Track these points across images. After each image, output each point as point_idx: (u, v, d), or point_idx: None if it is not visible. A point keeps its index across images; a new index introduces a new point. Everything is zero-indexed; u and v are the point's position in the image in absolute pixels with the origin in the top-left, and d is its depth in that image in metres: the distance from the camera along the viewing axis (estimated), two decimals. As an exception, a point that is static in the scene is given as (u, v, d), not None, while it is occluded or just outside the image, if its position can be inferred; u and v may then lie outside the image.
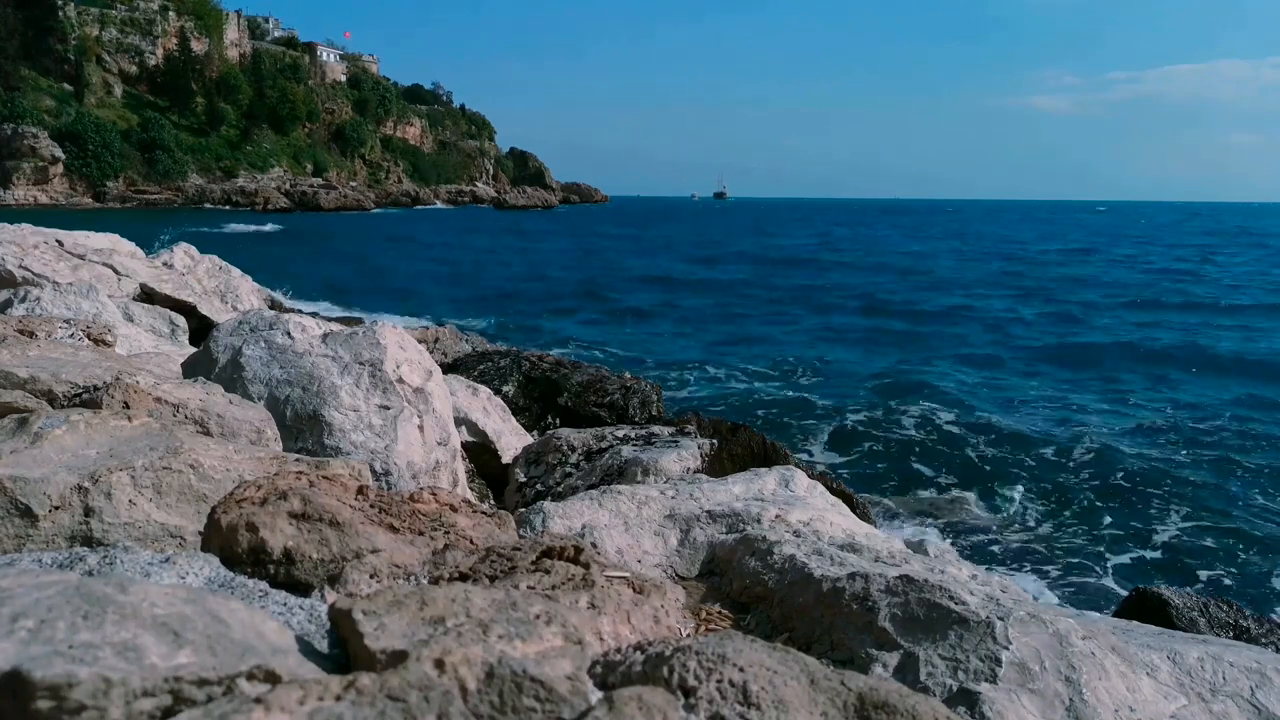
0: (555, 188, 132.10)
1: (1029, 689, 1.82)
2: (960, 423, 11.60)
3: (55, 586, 0.97)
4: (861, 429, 11.26)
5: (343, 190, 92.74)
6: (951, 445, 10.59)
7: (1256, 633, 4.10)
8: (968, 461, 10.00)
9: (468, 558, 1.53)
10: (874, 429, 11.24)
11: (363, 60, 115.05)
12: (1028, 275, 34.19)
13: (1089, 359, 16.78)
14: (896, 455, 10.22)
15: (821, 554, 2.40)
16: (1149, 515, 8.47)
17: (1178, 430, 11.66)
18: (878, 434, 11.02)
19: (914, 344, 18.50)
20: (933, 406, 12.50)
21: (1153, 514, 8.51)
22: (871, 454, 10.30)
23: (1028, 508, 8.58)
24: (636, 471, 4.14)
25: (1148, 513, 8.54)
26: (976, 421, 11.70)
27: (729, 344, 18.15)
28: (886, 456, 10.19)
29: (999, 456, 10.21)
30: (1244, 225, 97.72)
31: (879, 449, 10.46)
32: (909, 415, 11.88)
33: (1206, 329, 20.75)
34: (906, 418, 11.73)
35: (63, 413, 2.04)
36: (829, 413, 12.13)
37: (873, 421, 11.59)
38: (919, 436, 10.93)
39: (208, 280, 8.14)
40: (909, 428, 11.28)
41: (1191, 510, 8.60)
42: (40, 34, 77.13)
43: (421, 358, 3.57)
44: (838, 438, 10.92)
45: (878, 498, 8.45)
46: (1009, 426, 11.51)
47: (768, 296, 26.16)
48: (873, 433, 11.09)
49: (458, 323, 14.94)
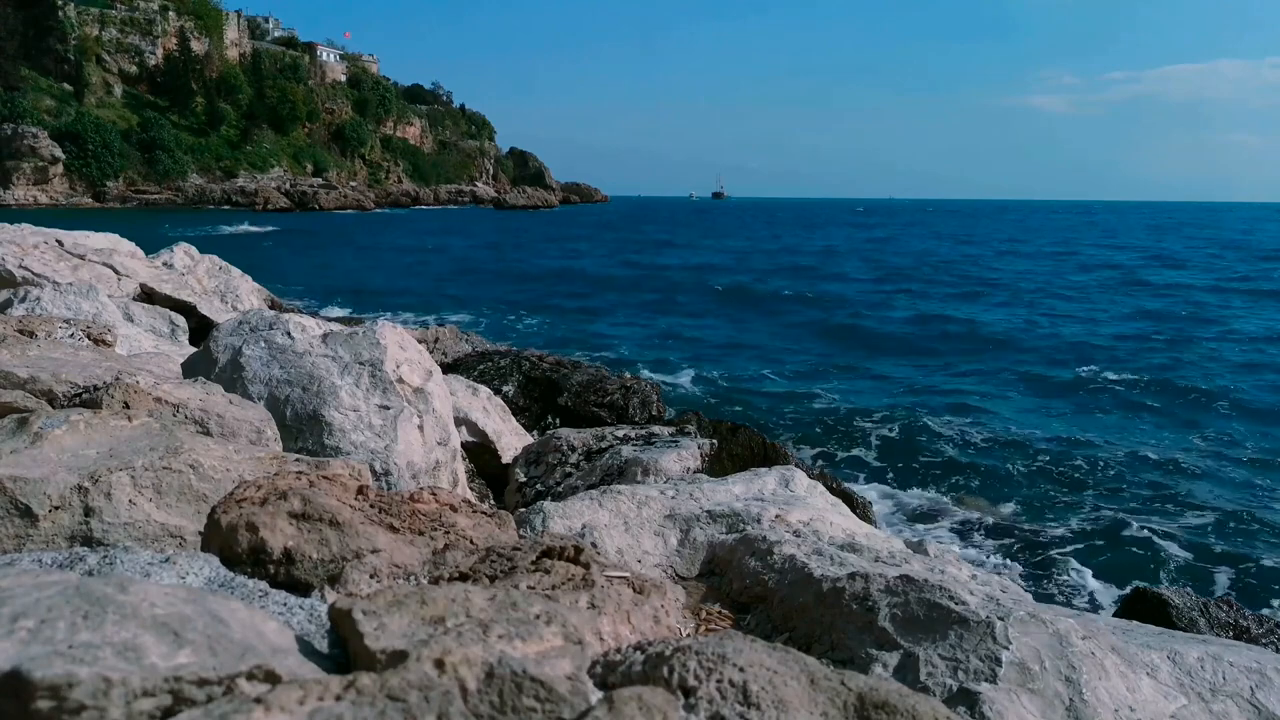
0: (555, 188, 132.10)
1: (1029, 689, 1.82)
2: (961, 423, 11.61)
3: (55, 586, 0.97)
4: (862, 429, 11.26)
5: (343, 190, 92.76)
6: (952, 446, 10.60)
7: (1256, 633, 4.10)
8: (968, 462, 10.00)
9: (468, 558, 1.53)
10: (875, 429, 11.25)
11: (363, 60, 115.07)
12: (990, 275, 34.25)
13: (1091, 359, 16.78)
14: (897, 455, 10.22)
15: (821, 554, 2.40)
16: (1150, 515, 8.47)
17: (1182, 431, 11.66)
18: (878, 434, 11.02)
19: (915, 343, 18.50)
20: (933, 407, 12.51)
21: (1154, 514, 8.51)
22: (871, 454, 10.30)
23: (1028, 508, 8.58)
24: (636, 471, 4.14)
25: (1149, 513, 8.54)
26: (977, 422, 11.71)
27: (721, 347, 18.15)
28: (887, 457, 10.19)
29: (999, 457, 10.21)
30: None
31: (879, 449, 10.46)
32: (910, 415, 11.88)
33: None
34: (907, 418, 11.74)
35: (63, 413, 2.04)
36: (829, 413, 12.13)
37: (873, 421, 11.59)
38: (920, 437, 10.93)
39: (208, 280, 8.14)
40: (910, 428, 11.29)
41: (1192, 510, 8.60)
42: (40, 34, 77.16)
43: (421, 358, 3.57)
44: (838, 438, 10.92)
45: (878, 498, 8.46)
46: (1010, 427, 11.52)
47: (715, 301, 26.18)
48: (873, 433, 11.09)
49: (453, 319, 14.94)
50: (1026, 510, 8.50)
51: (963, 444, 10.69)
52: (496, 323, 19.79)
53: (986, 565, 6.99)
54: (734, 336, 19.13)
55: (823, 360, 16.36)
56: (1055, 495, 8.97)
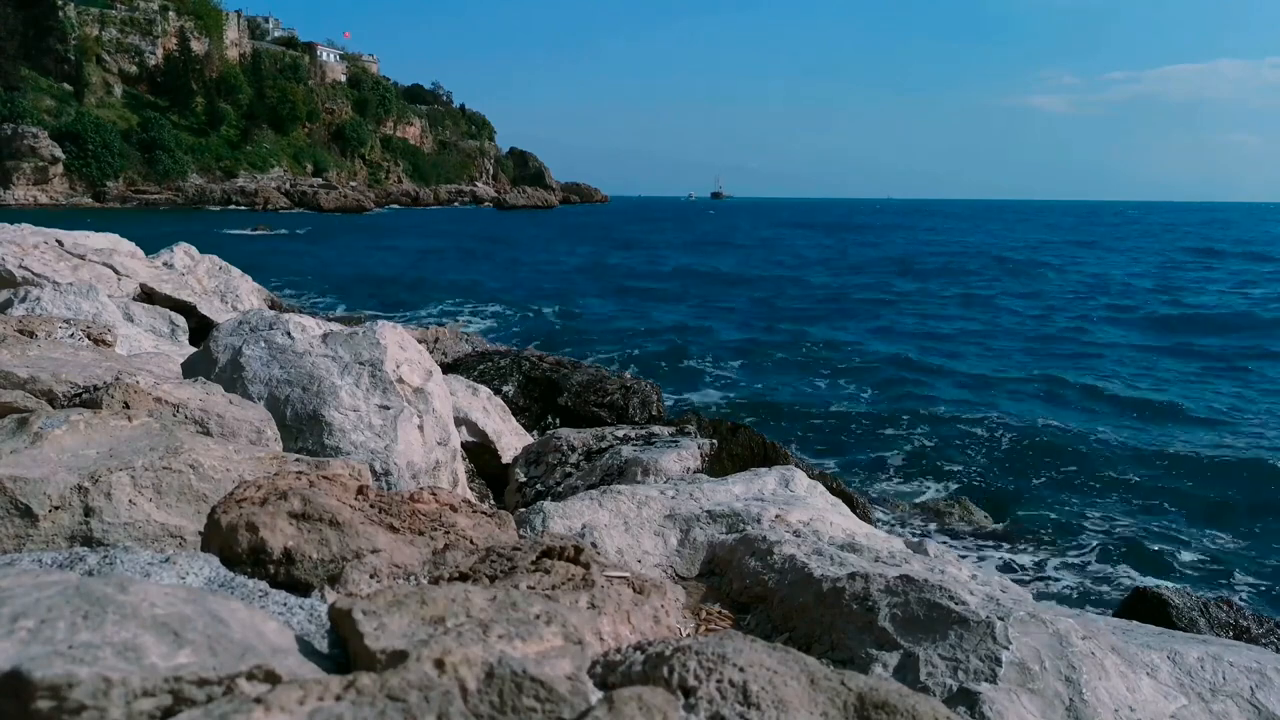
0: (555, 188, 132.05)
1: (1029, 689, 1.82)
2: (961, 424, 11.60)
3: (55, 586, 0.97)
4: (863, 429, 11.26)
5: (343, 190, 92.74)
6: (952, 446, 10.59)
7: (1256, 633, 4.11)
8: (968, 462, 10.00)
9: (468, 558, 1.53)
10: (875, 429, 11.25)
11: (363, 60, 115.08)
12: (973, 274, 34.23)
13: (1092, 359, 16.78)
14: (897, 455, 10.21)
15: (821, 554, 2.40)
16: (1150, 515, 8.47)
17: (1181, 429, 11.66)
18: (879, 434, 11.03)
19: (914, 345, 18.50)
20: (934, 407, 12.50)
21: (1154, 514, 8.51)
22: (872, 454, 10.30)
23: (1028, 508, 8.57)
24: (636, 471, 4.14)
25: (1149, 513, 8.54)
26: (978, 422, 11.70)
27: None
28: (887, 456, 10.19)
29: (1000, 457, 10.21)
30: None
31: (880, 449, 10.46)
32: (910, 416, 11.88)
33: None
34: (908, 418, 11.74)
35: (63, 413, 2.04)
36: (830, 413, 12.13)
37: (874, 422, 11.60)
38: (920, 437, 10.93)
39: (208, 280, 8.15)
40: (910, 428, 11.29)
41: (1193, 511, 8.60)
42: (40, 34, 77.16)
43: (421, 358, 3.57)
44: (838, 437, 10.92)
45: (878, 498, 8.45)
46: (1010, 427, 11.51)
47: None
48: (874, 433, 11.09)
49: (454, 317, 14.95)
50: (1027, 510, 8.49)
51: (964, 445, 10.68)
52: (497, 323, 19.82)
53: (986, 565, 6.99)
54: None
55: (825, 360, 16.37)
56: (1056, 495, 8.97)
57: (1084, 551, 7.60)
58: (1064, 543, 7.77)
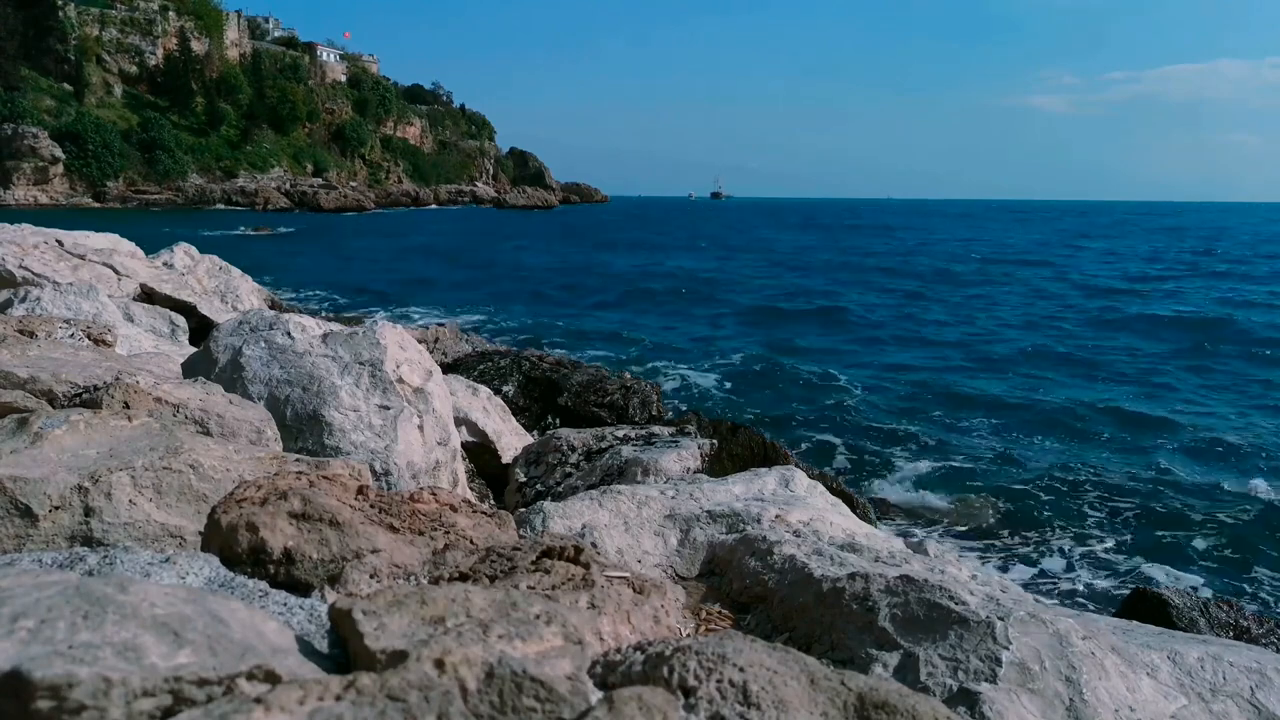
0: (555, 188, 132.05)
1: (1029, 689, 1.82)
2: (961, 424, 11.61)
3: (55, 586, 0.97)
4: (863, 429, 11.26)
5: (343, 190, 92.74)
6: (952, 445, 10.59)
7: (1256, 633, 4.11)
8: (969, 462, 10.00)
9: (468, 558, 1.53)
10: (875, 429, 11.24)
11: (363, 60, 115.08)
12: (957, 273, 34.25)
13: (1091, 357, 16.78)
14: (897, 455, 10.21)
15: (821, 554, 2.40)
16: (1149, 515, 8.47)
17: (1181, 430, 11.65)
18: (879, 434, 11.02)
19: (914, 346, 18.51)
20: (934, 407, 12.50)
21: (1154, 514, 8.51)
22: (872, 454, 10.30)
23: (1028, 508, 8.57)
24: (636, 471, 4.14)
25: (1148, 513, 8.54)
26: (978, 422, 11.70)
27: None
28: (887, 456, 10.19)
29: (1000, 457, 10.20)
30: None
31: (880, 449, 10.46)
32: (910, 416, 11.88)
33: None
34: (908, 418, 11.73)
35: (63, 413, 2.04)
36: (830, 413, 12.13)
37: (874, 422, 11.59)
38: (920, 437, 10.93)
39: (208, 280, 8.15)
40: (910, 428, 11.28)
41: (1193, 511, 8.60)
42: (40, 34, 77.16)
43: (421, 358, 3.58)
44: (838, 437, 10.92)
45: (878, 498, 8.45)
46: (1011, 427, 11.51)
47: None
48: (874, 433, 11.09)
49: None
50: (1027, 510, 8.49)
51: (964, 444, 10.69)
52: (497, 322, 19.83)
53: (986, 565, 7.00)
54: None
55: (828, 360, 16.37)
56: (1056, 495, 8.96)
57: (1084, 552, 7.61)
58: (1064, 543, 7.77)
